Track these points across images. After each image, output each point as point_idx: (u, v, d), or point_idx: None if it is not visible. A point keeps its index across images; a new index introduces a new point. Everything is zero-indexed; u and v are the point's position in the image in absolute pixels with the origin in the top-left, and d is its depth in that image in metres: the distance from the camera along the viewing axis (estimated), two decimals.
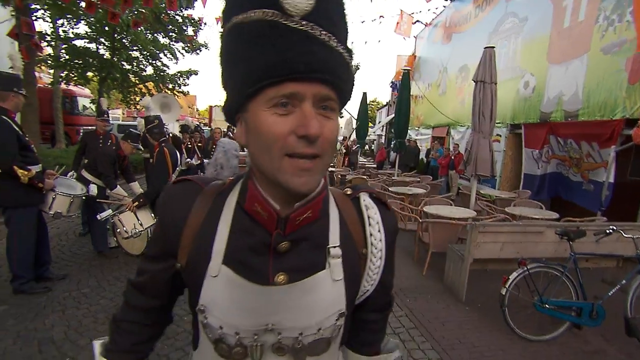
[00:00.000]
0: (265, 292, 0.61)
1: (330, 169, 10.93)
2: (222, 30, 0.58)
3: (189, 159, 7.42)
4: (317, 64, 0.51)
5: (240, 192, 0.65)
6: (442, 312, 3.60)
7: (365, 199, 0.73)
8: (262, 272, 0.62)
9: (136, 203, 3.77)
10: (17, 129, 3.09)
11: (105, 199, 4.49)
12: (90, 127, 9.17)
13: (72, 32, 11.41)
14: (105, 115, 4.73)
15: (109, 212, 4.15)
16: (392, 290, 0.83)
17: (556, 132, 6.65)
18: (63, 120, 13.30)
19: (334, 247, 0.65)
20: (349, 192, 0.74)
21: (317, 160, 0.55)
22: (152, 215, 3.90)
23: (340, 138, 17.71)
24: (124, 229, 3.81)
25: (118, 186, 4.44)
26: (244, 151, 3.05)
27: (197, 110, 54.33)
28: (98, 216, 4.00)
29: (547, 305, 2.99)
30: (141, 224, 3.83)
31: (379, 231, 0.70)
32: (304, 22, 0.50)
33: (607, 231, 3.06)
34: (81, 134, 5.28)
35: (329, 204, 0.68)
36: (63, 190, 3.59)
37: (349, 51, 0.56)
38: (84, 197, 3.96)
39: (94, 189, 4.20)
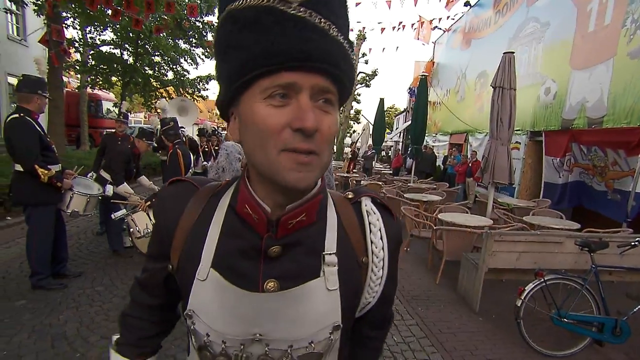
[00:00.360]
0: (254, 299, 0.58)
1: (344, 174, 10.91)
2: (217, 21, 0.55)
3: (205, 162, 7.55)
4: (316, 53, 0.48)
5: (233, 194, 0.63)
6: (455, 322, 3.49)
7: (367, 204, 0.68)
8: (251, 278, 0.59)
9: (148, 203, 3.83)
10: (39, 129, 3.21)
11: (121, 199, 4.60)
12: (112, 130, 9.49)
13: (99, 39, 11.89)
14: (122, 117, 4.84)
15: (123, 211, 4.25)
16: (392, 305, 0.78)
17: (579, 139, 6.42)
18: (88, 123, 13.79)
19: (330, 254, 0.61)
20: (350, 196, 0.70)
21: (314, 157, 0.51)
22: None
23: (359, 143, 17.67)
24: (137, 228, 3.87)
25: (125, 184, 4.49)
26: None
27: (217, 114, 55.33)
28: (112, 215, 4.09)
29: (565, 319, 2.85)
30: (153, 224, 3.90)
31: (380, 239, 0.65)
32: (302, 9, 0.47)
33: (633, 243, 2.91)
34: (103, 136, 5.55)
35: (326, 208, 0.64)
36: (80, 190, 3.70)
37: (350, 42, 0.53)
38: (100, 197, 4.07)
39: (110, 189, 4.32)
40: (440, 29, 15.09)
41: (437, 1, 12.35)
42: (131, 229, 4.07)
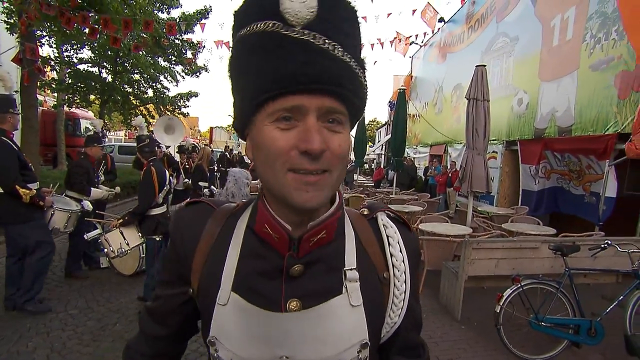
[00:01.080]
0: (277, 320, 0.57)
1: None
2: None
3: (187, 180, 7.42)
4: (319, 75, 0.48)
5: (251, 215, 0.63)
6: (437, 331, 3.50)
7: (383, 218, 0.68)
8: (273, 299, 0.57)
9: (120, 220, 3.74)
10: (16, 148, 3.17)
11: (97, 217, 4.48)
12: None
13: (76, 57, 11.72)
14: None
15: (97, 231, 4.13)
16: (421, 330, 0.74)
17: (551, 147, 6.66)
18: (65, 142, 13.44)
19: (351, 269, 0.60)
20: (365, 212, 0.70)
21: (324, 175, 0.51)
22: (140, 234, 3.86)
23: None
24: (111, 248, 3.77)
25: (93, 189, 4.39)
26: (255, 180, 3.06)
27: (199, 131, 54.97)
28: (85, 236, 3.97)
29: (543, 323, 2.90)
30: (127, 244, 3.80)
31: (400, 251, 0.65)
32: (305, 32, 0.47)
33: (602, 245, 3.00)
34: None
35: (344, 225, 0.64)
36: (60, 207, 3.66)
37: (359, 60, 0.53)
38: (79, 213, 4.02)
39: (88, 204, 4.23)
40: (417, 44, 15.57)
41: (412, 15, 12.68)
42: (105, 250, 3.95)
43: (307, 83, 0.48)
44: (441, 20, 13.23)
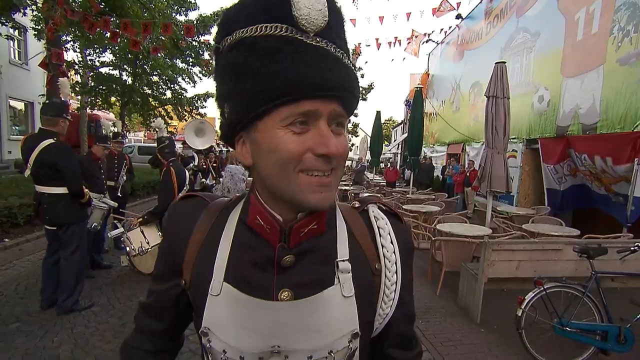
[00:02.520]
0: (269, 309, 0.57)
1: (344, 187, 10.90)
2: (219, 44, 0.55)
3: (204, 179, 7.56)
4: (334, 82, 0.50)
5: (243, 207, 0.64)
6: (456, 333, 3.42)
7: (373, 210, 0.69)
8: (265, 289, 0.58)
9: (140, 219, 3.82)
10: None
11: (119, 215, 4.59)
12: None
13: (98, 61, 12.06)
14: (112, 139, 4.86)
15: (120, 230, 4.22)
16: (414, 323, 0.74)
17: (574, 146, 6.43)
18: (88, 143, 13.85)
19: (343, 260, 0.61)
20: (356, 205, 0.70)
21: (332, 174, 0.54)
22: (160, 233, 3.93)
23: (356, 157, 17.70)
24: (132, 246, 3.84)
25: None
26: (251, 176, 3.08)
27: (216, 132, 55.77)
28: (110, 234, 4.07)
29: (567, 328, 2.79)
30: (148, 242, 3.87)
31: (391, 243, 0.65)
32: (318, 39, 0.49)
33: (632, 248, 2.87)
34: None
35: (335, 217, 0.65)
36: (96, 204, 3.84)
37: (354, 65, 0.57)
38: (104, 212, 4.18)
39: (110, 202, 4.36)
40: (434, 41, 15.33)
41: (429, 14, 12.49)
42: (127, 248, 4.04)
43: (327, 90, 0.50)
44: (459, 16, 12.97)
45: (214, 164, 8.30)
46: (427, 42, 14.23)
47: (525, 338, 2.90)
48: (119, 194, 5.19)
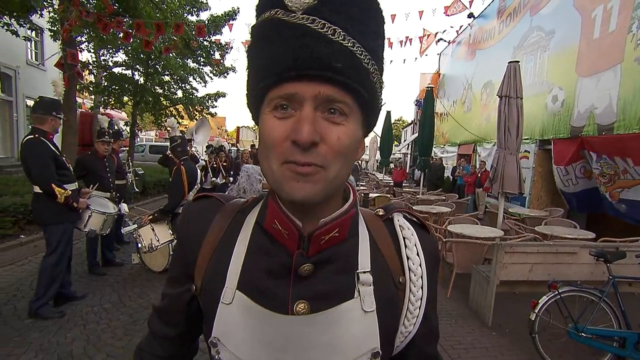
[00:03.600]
0: (283, 322, 0.54)
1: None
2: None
3: (214, 178, 7.61)
4: (311, 59, 0.45)
5: (260, 210, 0.60)
6: (467, 337, 3.37)
7: (399, 219, 0.65)
8: (280, 299, 0.54)
9: (150, 217, 3.85)
10: (54, 149, 3.27)
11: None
12: (124, 149, 9.66)
13: (112, 61, 12.23)
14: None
15: (133, 227, 4.27)
16: (438, 342, 0.70)
17: (589, 147, 6.28)
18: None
19: (365, 272, 0.57)
20: (381, 213, 0.66)
21: (317, 169, 0.48)
22: (170, 231, 3.96)
23: (366, 157, 17.61)
24: (143, 243, 3.88)
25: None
26: None
27: (226, 131, 56.22)
28: (122, 230, 4.11)
29: (583, 334, 2.72)
30: (158, 239, 3.90)
31: (417, 254, 0.61)
32: (303, 16, 0.46)
33: None
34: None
35: (358, 225, 0.61)
36: (97, 209, 3.70)
37: (371, 49, 0.49)
38: (116, 216, 4.08)
39: (125, 207, 4.34)
40: (445, 40, 15.16)
41: (441, 12, 12.33)
42: (139, 245, 4.09)
43: (297, 69, 0.46)
44: (471, 15, 12.80)
45: (224, 163, 8.33)
46: (438, 41, 14.05)
47: (539, 342, 2.84)
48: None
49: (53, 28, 9.34)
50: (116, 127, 5.64)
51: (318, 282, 0.55)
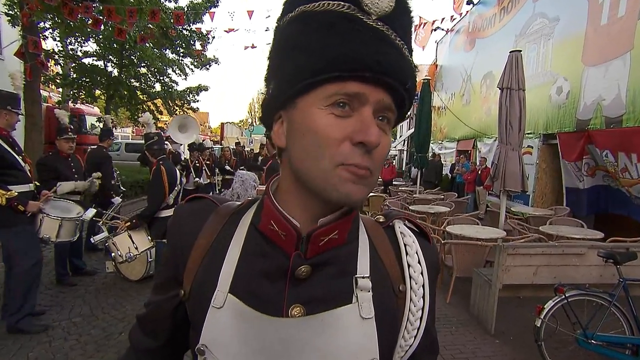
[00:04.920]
0: (277, 326, 0.54)
1: None
2: (279, 22, 0.56)
3: (197, 179, 7.51)
4: (389, 67, 0.49)
5: (256, 212, 0.62)
6: (468, 345, 3.37)
7: (400, 226, 0.67)
8: (274, 303, 0.55)
9: (128, 224, 3.75)
10: (6, 146, 3.14)
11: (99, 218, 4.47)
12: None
13: (81, 50, 11.97)
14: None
15: (104, 234, 4.15)
16: (437, 355, 0.71)
17: (595, 141, 6.35)
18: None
19: (363, 277, 0.58)
20: (381, 220, 0.68)
21: (369, 172, 0.51)
22: (149, 238, 3.87)
23: None
24: (118, 252, 3.78)
25: (61, 184, 4.00)
26: (263, 185, 3.03)
27: (210, 127, 55.78)
28: (92, 239, 4.00)
29: (593, 341, 2.73)
30: (136, 248, 3.80)
31: (418, 262, 0.63)
32: (379, 22, 0.49)
33: None
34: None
35: (358, 229, 0.62)
36: (52, 213, 3.50)
37: (415, 65, 0.55)
38: (77, 222, 3.83)
39: (89, 213, 4.13)
40: (442, 29, 15.22)
41: (443, 2, 12.38)
42: (112, 254, 3.98)
43: (377, 72, 0.48)
44: (470, 2, 12.88)
45: (208, 162, 8.24)
46: (435, 30, 14.10)
47: (545, 350, 2.85)
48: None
49: (10, 12, 9.04)
50: (104, 125, 5.66)
51: (315, 285, 0.56)
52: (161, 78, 13.63)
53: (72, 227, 3.77)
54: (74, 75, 11.88)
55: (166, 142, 4.90)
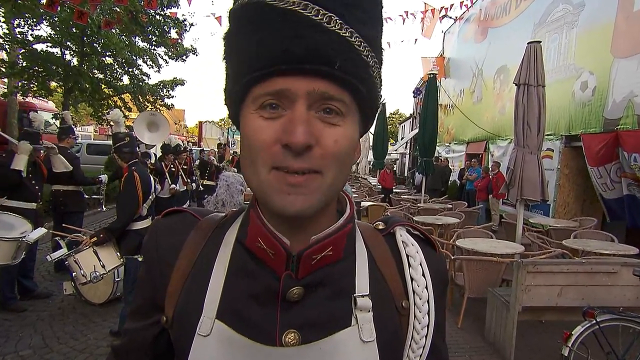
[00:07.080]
0: (271, 356, 0.55)
1: None
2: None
3: (173, 185, 7.41)
4: (306, 51, 0.48)
5: (241, 226, 0.63)
6: None
7: (402, 234, 0.68)
8: (266, 329, 0.56)
9: (94, 239, 3.66)
10: None
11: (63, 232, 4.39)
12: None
13: (32, 35, 11.74)
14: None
15: (63, 251, 4.05)
16: None
17: (624, 143, 6.42)
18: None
19: (362, 296, 0.59)
20: (380, 227, 0.70)
21: (313, 176, 0.51)
22: (118, 254, 3.79)
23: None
24: (81, 272, 3.67)
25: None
26: None
27: (186, 126, 55.57)
28: (48, 257, 3.91)
29: None
30: (103, 266, 3.71)
31: (423, 275, 0.64)
32: (294, 1, 0.48)
33: None
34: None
35: (355, 242, 0.64)
36: None
37: (370, 39, 0.53)
38: (19, 242, 3.79)
39: (35, 234, 4.03)
40: (451, 17, 15.42)
41: None
42: (74, 273, 3.88)
43: (291, 62, 0.48)
44: None
45: (185, 166, 8.18)
46: (443, 18, 14.28)
47: None
48: None
49: None
50: (61, 122, 5.67)
51: (309, 308, 0.57)
52: (130, 70, 13.53)
53: (11, 249, 3.72)
54: (24, 63, 11.65)
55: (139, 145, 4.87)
